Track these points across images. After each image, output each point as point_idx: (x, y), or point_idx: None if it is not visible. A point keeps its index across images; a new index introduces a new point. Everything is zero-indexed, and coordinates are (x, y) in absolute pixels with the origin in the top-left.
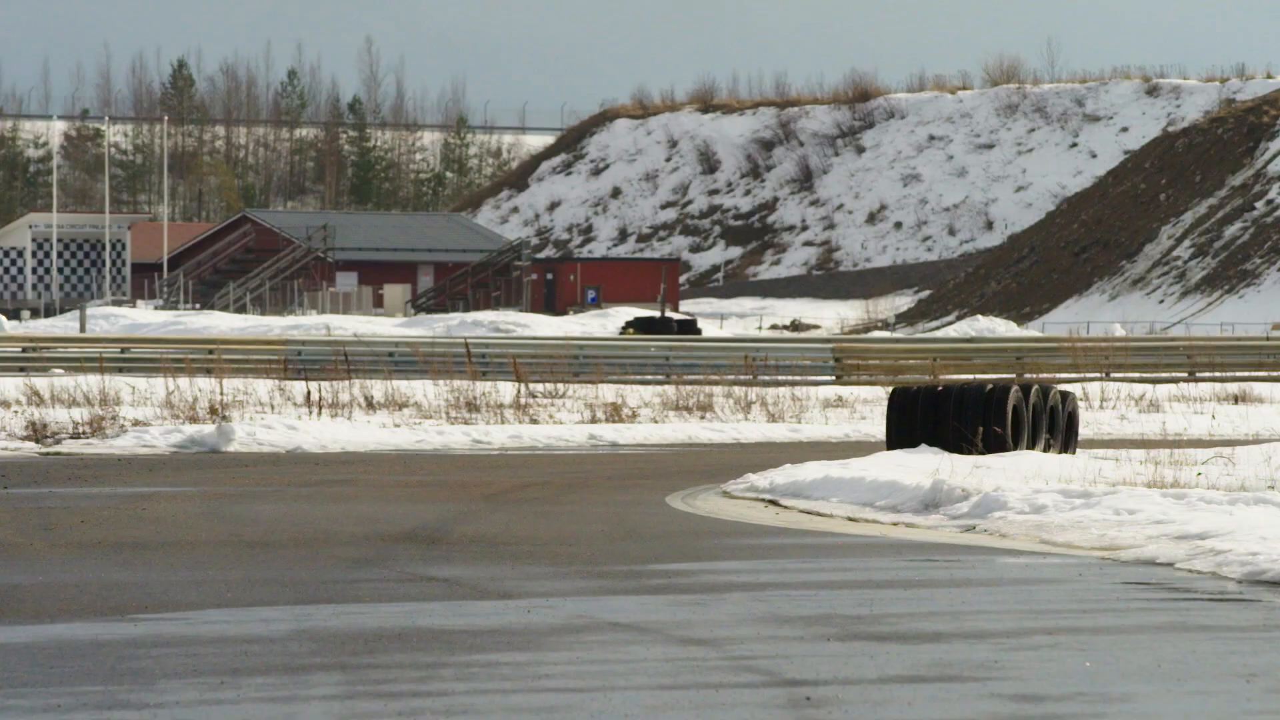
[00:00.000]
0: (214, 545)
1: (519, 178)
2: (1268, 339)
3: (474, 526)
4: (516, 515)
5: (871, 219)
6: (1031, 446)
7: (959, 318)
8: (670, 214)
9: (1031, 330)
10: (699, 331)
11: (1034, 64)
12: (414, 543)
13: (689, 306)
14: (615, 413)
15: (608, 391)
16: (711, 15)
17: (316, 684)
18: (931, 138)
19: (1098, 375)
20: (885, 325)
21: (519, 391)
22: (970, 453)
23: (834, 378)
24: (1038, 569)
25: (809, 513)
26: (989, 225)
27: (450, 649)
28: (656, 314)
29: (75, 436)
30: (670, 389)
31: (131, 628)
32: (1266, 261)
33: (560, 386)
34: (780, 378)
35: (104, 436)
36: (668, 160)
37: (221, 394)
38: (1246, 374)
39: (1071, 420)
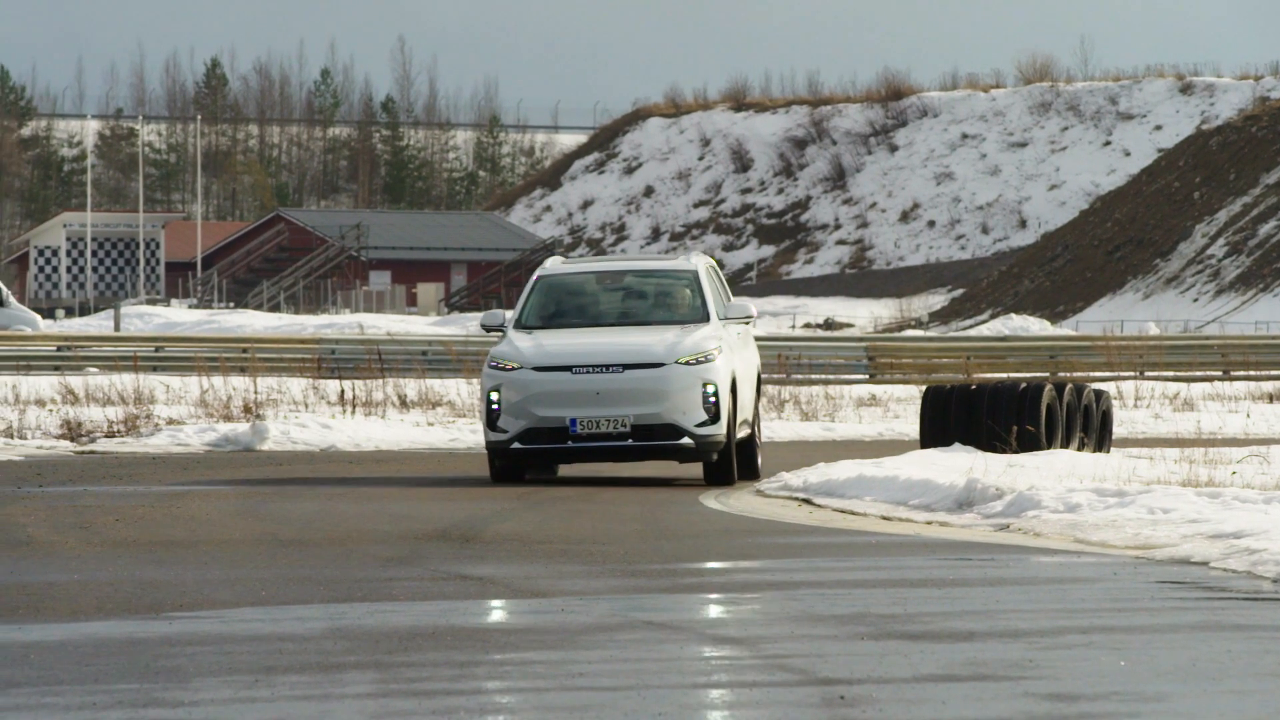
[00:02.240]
0: (248, 544)
1: (552, 176)
2: None
3: (507, 525)
4: (550, 514)
5: (904, 217)
6: (1065, 445)
7: (992, 316)
8: (703, 213)
9: (1065, 329)
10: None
11: (1067, 62)
12: (447, 541)
13: None
14: None
15: None
16: (744, 14)
17: (350, 682)
18: (965, 136)
19: (1132, 374)
20: (918, 324)
21: None
22: (1004, 451)
23: (867, 376)
24: (1072, 568)
25: (842, 511)
26: (1022, 224)
27: (484, 647)
28: None
29: (110, 435)
30: None
31: (166, 626)
32: None
33: None
34: (814, 376)
35: (138, 435)
36: (700, 159)
37: (255, 393)
38: None
39: (1106, 419)
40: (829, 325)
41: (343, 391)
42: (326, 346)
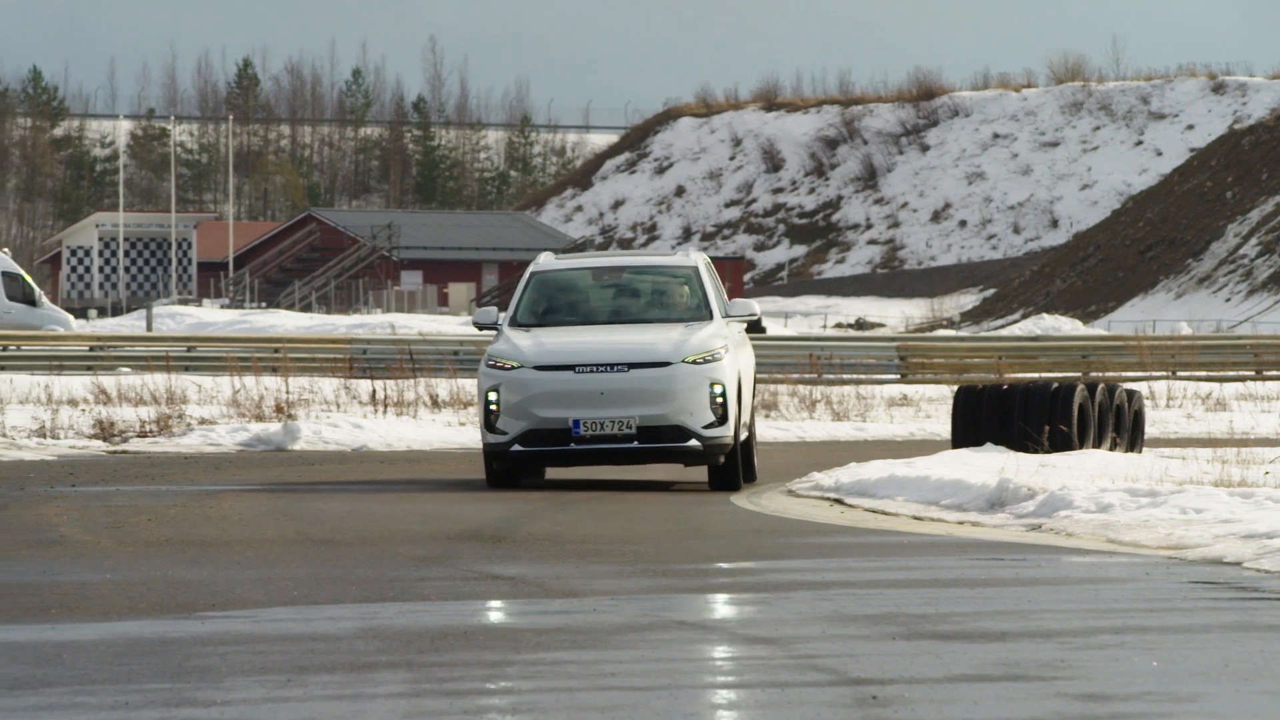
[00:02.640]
0: (280, 543)
1: (583, 176)
2: None
3: (539, 525)
4: (582, 513)
5: (936, 217)
6: (1097, 445)
7: (1024, 316)
8: (734, 212)
9: (1097, 329)
10: (763, 330)
11: (1099, 62)
12: (479, 541)
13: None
14: None
15: None
16: (775, 13)
17: (382, 682)
18: (996, 136)
19: (1164, 374)
20: (950, 324)
21: None
22: (1036, 451)
23: (899, 376)
24: (1104, 568)
25: (874, 511)
26: (1054, 223)
27: (516, 647)
28: None
29: (142, 435)
30: None
31: (198, 625)
32: None
33: None
34: (845, 376)
35: (170, 435)
36: (731, 159)
37: (287, 392)
38: None
39: (1138, 419)
40: (860, 325)
41: (374, 391)
42: (358, 346)
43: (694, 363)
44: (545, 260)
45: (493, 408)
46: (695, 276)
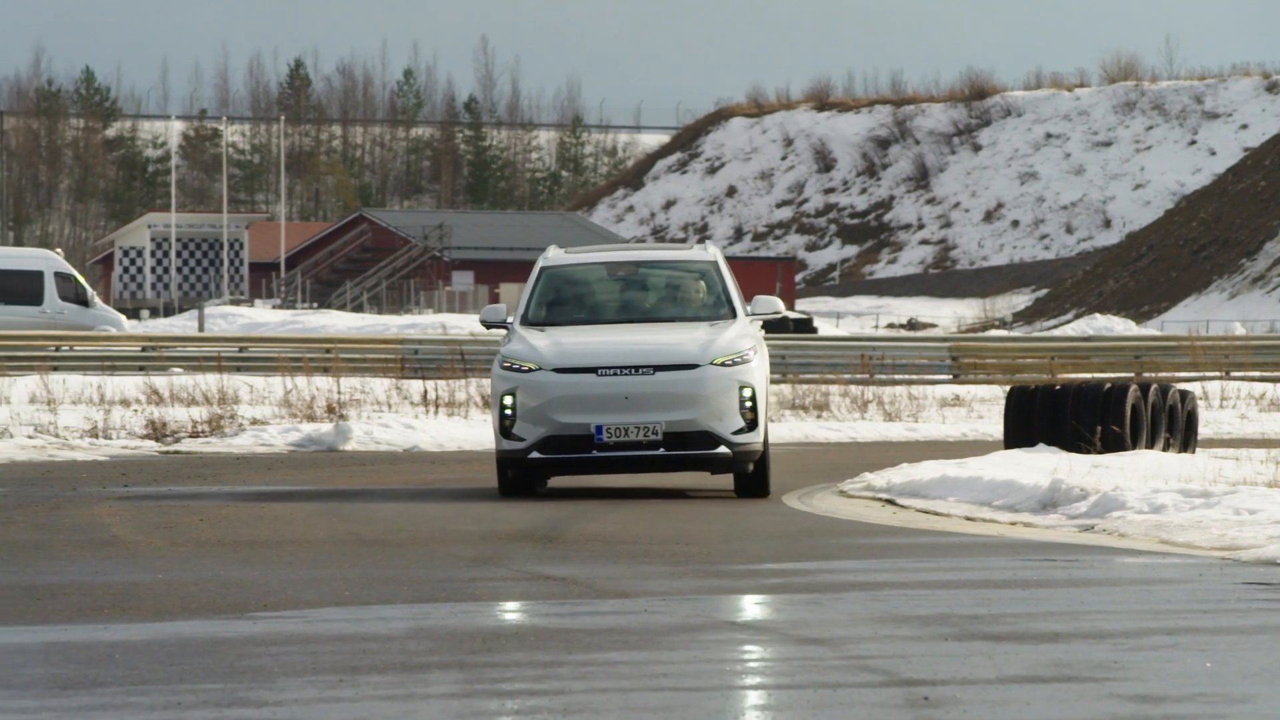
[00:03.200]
0: (332, 544)
1: (634, 176)
2: None
3: (590, 525)
4: (633, 514)
5: (988, 217)
6: (1150, 446)
7: (1076, 316)
8: (786, 212)
9: (1150, 329)
10: (815, 330)
11: (1152, 61)
12: (530, 541)
13: (805, 305)
14: None
15: None
16: (827, 13)
17: (434, 682)
18: (1048, 136)
19: (1217, 374)
20: (1002, 324)
21: None
22: (1088, 452)
23: (951, 377)
24: (1157, 569)
25: (926, 512)
26: (1107, 223)
27: (567, 647)
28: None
29: (194, 435)
30: (786, 388)
31: (250, 625)
32: None
33: None
34: (897, 377)
35: (222, 435)
36: (783, 159)
37: (339, 393)
38: None
39: (1191, 419)
40: (912, 325)
41: (425, 391)
42: (409, 347)
43: (722, 365)
44: (554, 255)
45: (508, 412)
46: (714, 271)
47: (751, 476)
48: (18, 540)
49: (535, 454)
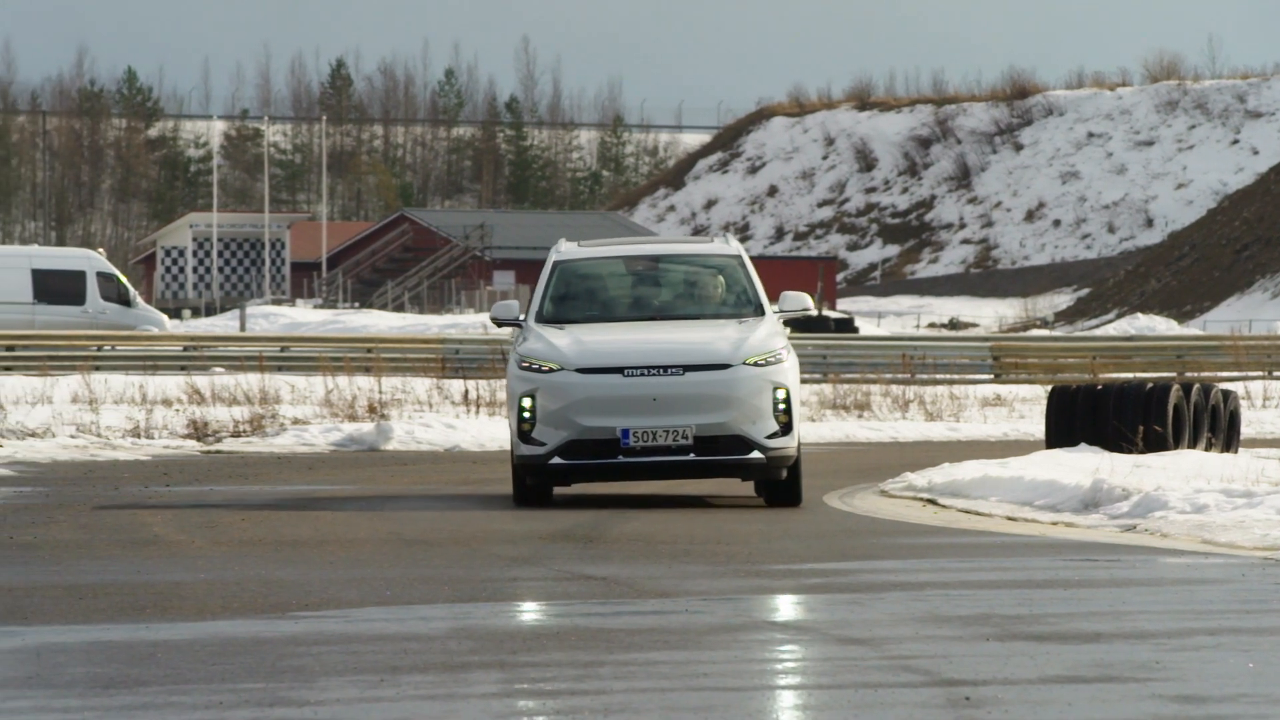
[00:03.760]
0: (373, 543)
1: (675, 176)
2: None
3: (630, 525)
4: (673, 514)
5: (1030, 217)
6: (1193, 446)
7: (1118, 316)
8: (827, 212)
9: (1192, 329)
10: (856, 330)
11: (1194, 60)
12: (571, 541)
13: (846, 305)
14: None
15: None
16: (868, 12)
17: (475, 682)
18: (1090, 135)
19: (1260, 374)
20: (1044, 323)
21: None
22: (1130, 452)
23: (992, 376)
24: (1199, 569)
25: (967, 512)
26: (1149, 223)
27: (608, 647)
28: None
29: (235, 435)
30: (827, 387)
31: (292, 625)
32: None
33: None
34: (938, 376)
35: (264, 435)
36: (824, 158)
37: (380, 392)
38: None
39: (1233, 419)
40: (954, 325)
41: (466, 391)
42: (450, 346)
43: (755, 365)
44: (567, 249)
45: (527, 415)
46: (739, 266)
47: (784, 485)
48: (60, 540)
49: (557, 459)
